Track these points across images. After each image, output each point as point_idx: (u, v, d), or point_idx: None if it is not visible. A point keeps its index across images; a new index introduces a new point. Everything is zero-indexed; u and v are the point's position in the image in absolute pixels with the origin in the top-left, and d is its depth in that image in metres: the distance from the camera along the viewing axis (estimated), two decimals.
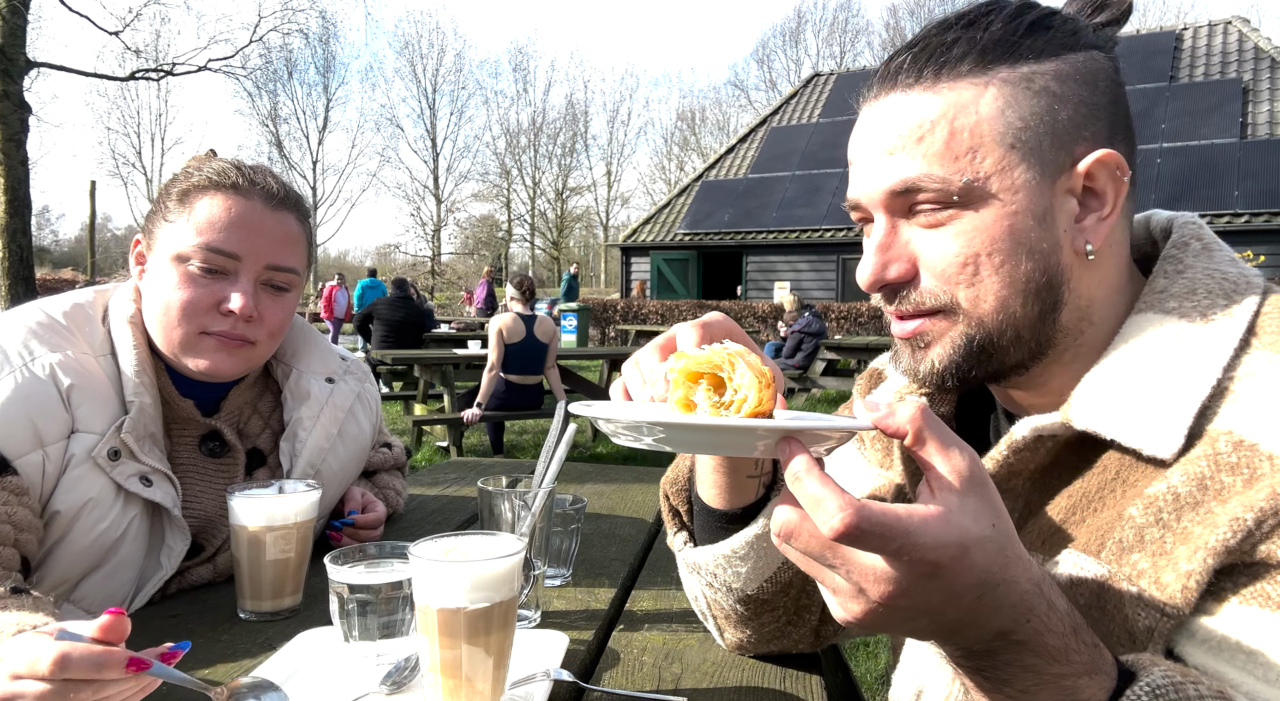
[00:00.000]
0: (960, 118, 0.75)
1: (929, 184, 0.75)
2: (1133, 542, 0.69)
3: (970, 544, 0.56)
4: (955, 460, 0.58)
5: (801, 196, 19.75)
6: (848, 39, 49.84)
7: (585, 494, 1.87)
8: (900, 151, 0.77)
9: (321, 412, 1.39)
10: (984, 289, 0.77)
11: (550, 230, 53.45)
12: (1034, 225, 0.76)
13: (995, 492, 0.60)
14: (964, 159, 0.75)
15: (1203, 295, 0.77)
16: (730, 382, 0.64)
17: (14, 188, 11.83)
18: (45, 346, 1.13)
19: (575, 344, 11.55)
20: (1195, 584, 0.64)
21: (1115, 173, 0.78)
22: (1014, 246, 0.76)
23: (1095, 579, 0.71)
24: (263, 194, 1.23)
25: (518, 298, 6.46)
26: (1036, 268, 0.77)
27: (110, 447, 1.12)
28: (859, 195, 0.82)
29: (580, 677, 0.95)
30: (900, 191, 0.77)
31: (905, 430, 0.58)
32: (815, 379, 10.90)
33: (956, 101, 0.75)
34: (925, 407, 0.59)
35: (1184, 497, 0.68)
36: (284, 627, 1.09)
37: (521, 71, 64.16)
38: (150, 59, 25.13)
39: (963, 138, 0.75)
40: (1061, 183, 0.77)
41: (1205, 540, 0.64)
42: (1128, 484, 0.74)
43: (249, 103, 51.12)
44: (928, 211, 0.77)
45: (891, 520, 0.54)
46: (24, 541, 1.05)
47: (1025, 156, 0.75)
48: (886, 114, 0.79)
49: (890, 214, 0.80)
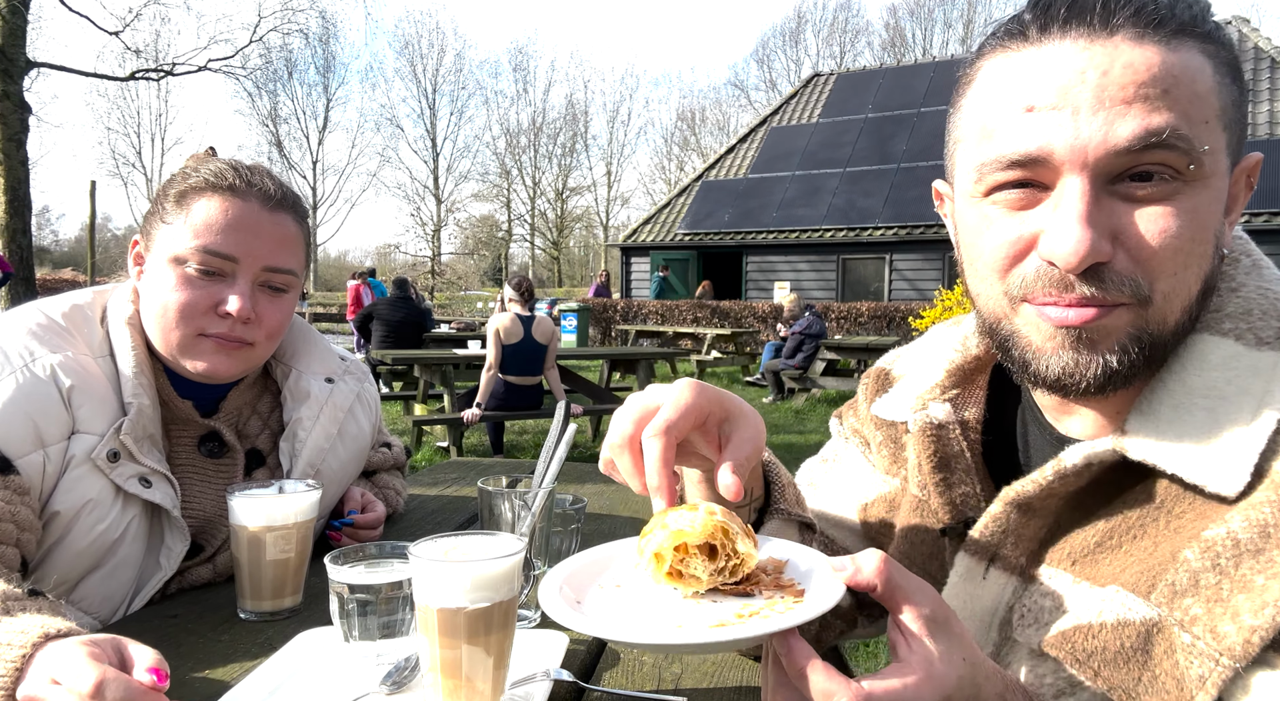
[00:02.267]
0: (1199, 81, 0.67)
1: (1178, 142, 0.65)
2: (1186, 587, 0.66)
3: (951, 691, 0.61)
4: (921, 609, 0.62)
5: (801, 196, 19.75)
6: (848, 39, 49.87)
7: (585, 494, 1.87)
8: (1140, 102, 0.65)
9: (321, 412, 1.38)
10: (1182, 281, 0.69)
11: (550, 230, 53.47)
12: (1222, 219, 0.71)
13: (959, 624, 0.64)
14: (1201, 127, 0.67)
15: (1258, 316, 0.73)
16: (724, 550, 0.69)
17: (14, 188, 11.84)
18: (45, 347, 1.12)
19: (575, 344, 11.55)
20: (1259, 639, 0.61)
21: (1250, 178, 0.75)
22: (1211, 237, 0.70)
23: (1144, 621, 0.68)
24: (260, 195, 1.23)
25: (516, 299, 6.44)
26: (1213, 267, 0.72)
27: (110, 449, 1.12)
28: (1056, 148, 0.67)
29: (580, 677, 0.95)
30: (1138, 148, 0.65)
31: (874, 583, 0.63)
32: (815, 379, 10.90)
33: (1193, 64, 0.67)
34: (886, 558, 0.63)
35: (1244, 545, 0.64)
36: (284, 627, 1.08)
37: (521, 71, 64.21)
38: (150, 59, 25.15)
39: (1201, 104, 0.67)
40: (1232, 178, 0.72)
41: (1275, 595, 0.61)
42: (1173, 515, 0.71)
43: (249, 103, 51.25)
44: (1150, 183, 0.67)
45: (894, 696, 0.59)
46: (24, 541, 1.05)
47: (1229, 142, 0.70)
48: (1118, 58, 0.66)
49: (1096, 178, 0.67)
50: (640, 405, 0.76)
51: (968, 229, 0.78)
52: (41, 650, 0.78)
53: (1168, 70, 0.66)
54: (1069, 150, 0.67)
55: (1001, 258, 0.73)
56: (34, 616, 0.85)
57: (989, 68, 0.74)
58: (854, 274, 18.74)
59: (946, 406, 0.92)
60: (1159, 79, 0.66)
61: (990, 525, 0.82)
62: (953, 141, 0.80)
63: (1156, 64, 0.66)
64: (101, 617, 1.16)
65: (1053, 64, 0.68)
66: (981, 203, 0.74)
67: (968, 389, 0.94)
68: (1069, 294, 0.69)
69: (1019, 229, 0.72)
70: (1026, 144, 0.69)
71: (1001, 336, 0.77)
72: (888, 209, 18.31)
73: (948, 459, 0.90)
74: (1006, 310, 0.75)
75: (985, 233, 0.74)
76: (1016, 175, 0.71)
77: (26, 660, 0.78)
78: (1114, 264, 0.68)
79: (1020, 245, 0.72)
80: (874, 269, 18.49)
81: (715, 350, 13.36)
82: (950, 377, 0.93)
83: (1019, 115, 0.70)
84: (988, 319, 0.78)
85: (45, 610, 0.90)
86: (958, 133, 0.79)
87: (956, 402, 0.93)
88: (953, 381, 0.93)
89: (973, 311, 0.86)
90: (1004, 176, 0.71)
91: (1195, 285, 0.70)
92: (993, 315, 0.77)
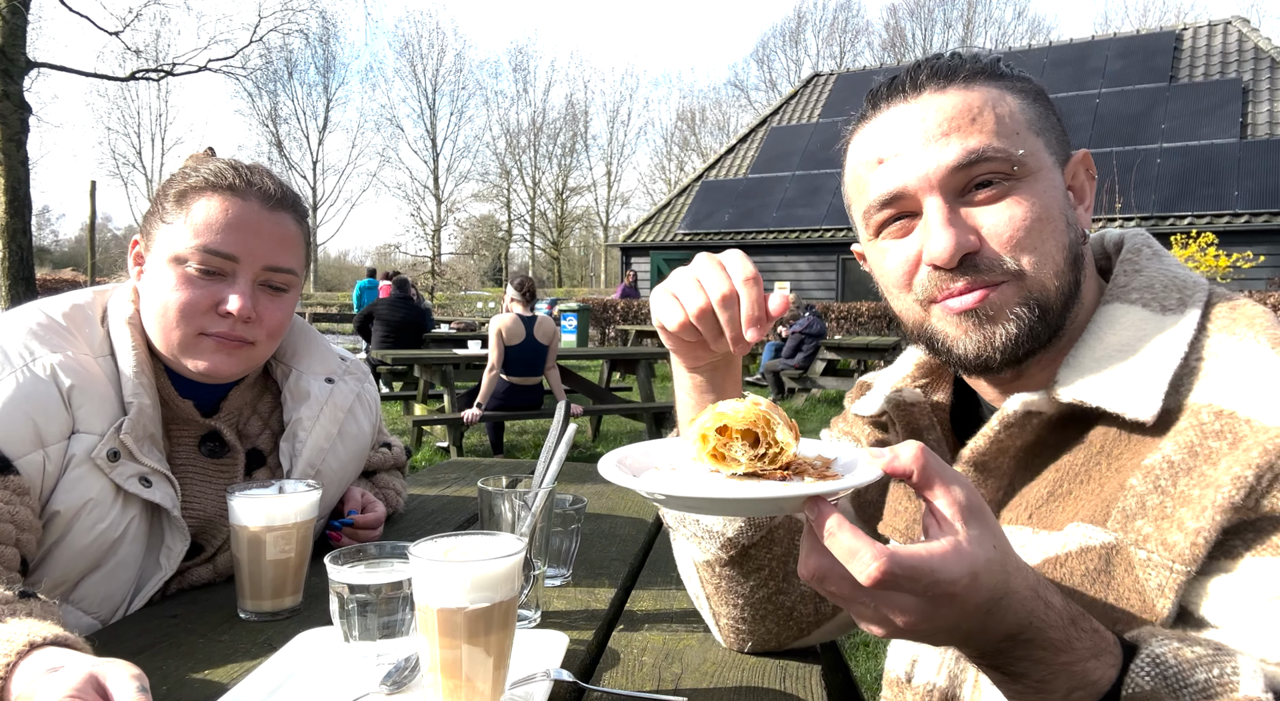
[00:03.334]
0: (999, 106, 0.86)
1: (994, 154, 0.83)
2: (1135, 510, 0.76)
3: (979, 570, 0.63)
4: (956, 493, 0.65)
5: (801, 196, 19.74)
6: (848, 39, 49.85)
7: (585, 494, 1.87)
8: (955, 132, 0.84)
9: (321, 413, 1.38)
10: (1043, 253, 0.84)
11: (550, 230, 53.45)
12: (1064, 202, 0.87)
13: (992, 517, 0.67)
14: (1012, 136, 0.85)
15: (1159, 289, 0.87)
16: (765, 438, 0.73)
17: (14, 188, 11.82)
18: (46, 347, 1.12)
19: (575, 344, 11.54)
20: (1204, 540, 0.71)
21: (1088, 170, 0.93)
22: (1059, 216, 0.86)
23: (1104, 545, 0.78)
24: (260, 195, 1.23)
25: (518, 299, 6.40)
26: (1072, 239, 0.87)
27: (110, 448, 1.12)
28: (907, 182, 0.86)
29: (580, 677, 0.95)
30: (964, 165, 0.83)
31: (910, 470, 0.65)
32: (815, 379, 10.89)
33: (989, 95, 0.86)
34: (924, 447, 0.66)
35: (1178, 464, 0.75)
36: (284, 627, 1.08)
37: (521, 72, 64.19)
38: (150, 59, 25.11)
39: (1006, 121, 0.85)
40: (1065, 174, 0.89)
41: (1212, 499, 0.71)
42: (1113, 457, 0.82)
43: (249, 103, 51.25)
44: (989, 185, 0.84)
45: (918, 562, 0.62)
46: (24, 541, 1.05)
47: (1047, 144, 0.87)
48: (929, 107, 0.86)
49: (945, 194, 0.85)
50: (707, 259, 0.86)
51: (875, 265, 0.95)
52: (26, 659, 0.78)
53: (969, 104, 0.85)
54: (917, 179, 0.85)
55: (901, 274, 0.90)
56: (22, 622, 0.84)
57: (852, 144, 0.94)
58: (854, 274, 18.73)
59: (917, 391, 1.03)
60: (963, 112, 0.85)
61: None
62: (847, 207, 0.98)
63: (960, 102, 0.85)
64: (101, 617, 1.16)
65: (888, 125, 0.89)
66: (876, 242, 0.92)
67: (936, 380, 1.05)
68: (956, 284, 0.85)
69: (906, 250, 0.89)
70: (887, 186, 0.88)
71: (926, 336, 0.92)
72: None
73: (919, 431, 1.02)
74: (921, 314, 0.90)
75: (884, 261, 0.92)
76: (889, 212, 0.89)
77: (10, 668, 0.77)
78: (983, 252, 0.84)
79: (911, 262, 0.89)
80: None
81: None
82: (919, 369, 1.06)
83: (875, 168, 0.89)
84: (912, 327, 0.93)
85: (36, 614, 0.89)
86: (847, 199, 0.97)
87: (926, 389, 1.04)
88: (921, 373, 1.05)
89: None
90: (881, 215, 0.90)
91: (1058, 254, 0.85)
92: (914, 322, 0.92)
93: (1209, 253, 12.50)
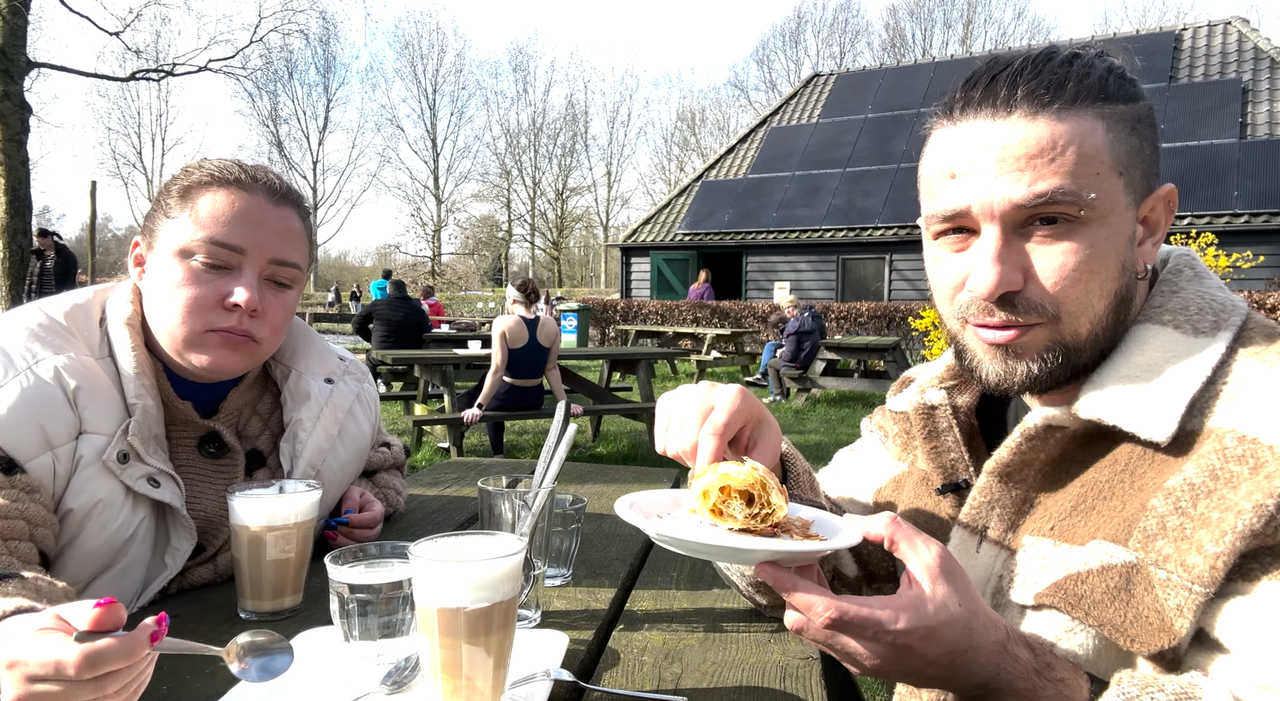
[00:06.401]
0: (1086, 143, 0.83)
1: (1063, 197, 0.81)
2: (1156, 531, 0.77)
3: (937, 626, 0.72)
4: (924, 556, 0.75)
5: (801, 197, 19.74)
6: (848, 39, 49.88)
7: (585, 494, 1.87)
8: (1032, 169, 0.82)
9: (321, 413, 1.38)
10: (1084, 302, 0.85)
11: (550, 230, 53.47)
12: (1126, 245, 0.86)
13: (965, 578, 0.76)
14: (1091, 179, 0.82)
15: (1194, 311, 0.88)
16: (760, 499, 0.82)
17: (14, 188, 11.82)
18: (48, 348, 1.12)
19: (575, 344, 11.54)
20: (1223, 564, 0.72)
21: (1168, 204, 0.91)
22: (1115, 263, 0.85)
23: (1124, 564, 0.79)
24: (265, 189, 1.23)
25: (520, 300, 6.33)
26: (1123, 284, 0.87)
27: (119, 450, 1.12)
28: (973, 204, 0.85)
29: (580, 677, 0.95)
30: (1031, 205, 0.82)
31: (882, 537, 0.76)
32: (815, 379, 10.89)
33: (1080, 129, 0.83)
34: (895, 517, 0.77)
35: (1199, 487, 0.76)
36: (284, 627, 1.08)
37: (521, 72, 64.21)
38: (151, 59, 25.15)
39: (1089, 161, 0.83)
40: (1141, 210, 0.88)
41: (1232, 525, 0.72)
42: (1136, 475, 0.83)
43: (249, 103, 51.27)
44: (1053, 225, 0.83)
45: (866, 614, 0.72)
46: (40, 536, 1.04)
47: (1128, 184, 0.85)
48: (1013, 136, 0.83)
49: (1005, 226, 0.85)
50: (699, 401, 0.93)
51: (929, 262, 0.96)
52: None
53: (1054, 140, 0.82)
54: (981, 207, 0.85)
55: (948, 288, 0.92)
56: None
57: (931, 139, 0.93)
58: (854, 274, 18.73)
59: (942, 393, 1.05)
60: (1046, 149, 0.82)
61: (978, 497, 0.95)
62: (919, 193, 0.98)
63: (1045, 136, 0.82)
64: None
65: (967, 139, 0.87)
66: (934, 244, 0.93)
67: (965, 381, 1.07)
68: (993, 318, 0.87)
69: (956, 268, 0.90)
70: (952, 203, 0.87)
71: (958, 348, 0.95)
72: (888, 209, 18.30)
73: (938, 433, 1.05)
74: (958, 328, 0.93)
75: (937, 268, 0.93)
76: (950, 225, 0.89)
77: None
78: (1026, 292, 0.85)
79: (958, 280, 0.90)
80: (874, 269, 18.49)
81: (715, 350, 13.35)
82: (949, 371, 1.08)
83: (946, 180, 0.88)
84: (949, 332, 0.96)
85: (15, 593, 0.88)
86: (919, 185, 0.97)
87: (952, 391, 1.06)
88: (950, 374, 1.08)
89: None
90: (941, 227, 0.90)
91: (1100, 302, 0.85)
92: (951, 330, 0.96)
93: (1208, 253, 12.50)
